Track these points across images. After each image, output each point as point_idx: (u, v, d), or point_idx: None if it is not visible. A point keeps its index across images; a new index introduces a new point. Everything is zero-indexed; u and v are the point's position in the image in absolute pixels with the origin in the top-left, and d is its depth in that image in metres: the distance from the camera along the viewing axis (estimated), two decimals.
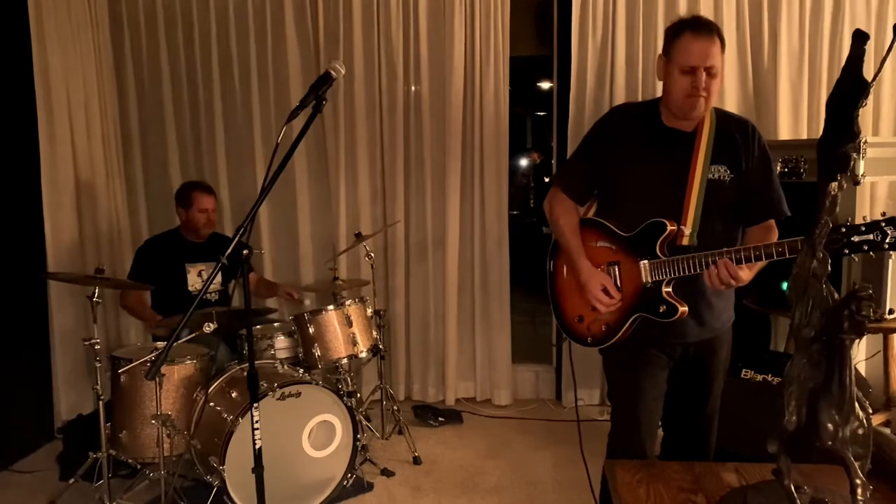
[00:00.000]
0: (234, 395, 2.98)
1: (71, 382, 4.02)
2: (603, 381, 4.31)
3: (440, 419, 4.18)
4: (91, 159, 4.17)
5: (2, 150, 3.69)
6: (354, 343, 3.45)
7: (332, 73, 1.94)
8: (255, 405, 1.95)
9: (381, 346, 3.74)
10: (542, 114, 8.74)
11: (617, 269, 2.20)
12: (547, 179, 6.04)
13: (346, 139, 4.34)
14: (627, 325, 2.18)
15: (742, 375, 3.11)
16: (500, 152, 4.30)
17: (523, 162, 8.84)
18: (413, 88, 4.34)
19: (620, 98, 4.08)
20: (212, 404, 3.00)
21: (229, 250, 1.84)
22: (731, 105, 3.97)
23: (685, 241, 2.12)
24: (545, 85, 7.46)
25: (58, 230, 3.92)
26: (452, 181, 4.31)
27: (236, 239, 1.84)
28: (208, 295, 3.76)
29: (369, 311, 3.63)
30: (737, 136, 2.19)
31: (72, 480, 3.22)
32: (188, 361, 3.13)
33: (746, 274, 2.03)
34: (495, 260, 4.37)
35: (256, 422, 1.95)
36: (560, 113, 4.35)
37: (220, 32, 4.37)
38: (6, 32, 3.70)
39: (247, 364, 3.12)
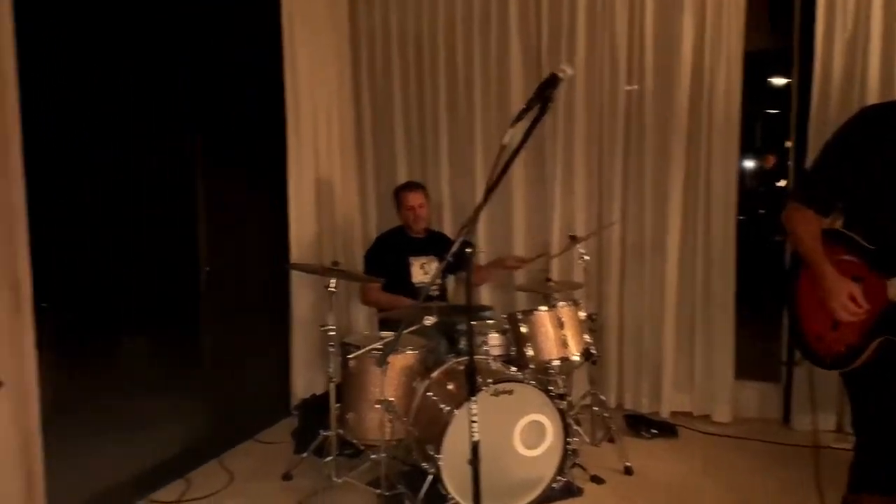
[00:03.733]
0: (450, 387, 3.10)
1: (306, 364, 4.42)
2: (840, 406, 3.90)
3: (653, 431, 4.03)
4: (330, 160, 4.56)
5: (257, 151, 4.15)
6: (566, 345, 3.44)
7: (559, 74, 1.94)
8: (474, 398, 2.01)
9: (593, 351, 3.68)
10: (773, 112, 8.09)
11: (862, 285, 2.01)
12: (782, 184, 5.57)
13: (564, 139, 4.34)
14: (871, 348, 1.96)
15: None
16: (729, 154, 4.06)
17: (752, 163, 8.26)
18: (636, 88, 4.23)
19: (872, 97, 3.65)
20: (430, 394, 3.14)
21: (454, 248, 1.92)
22: None
23: None
24: (779, 81, 6.90)
25: (300, 225, 4.32)
26: (675, 183, 4.14)
27: (461, 237, 1.91)
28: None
29: (582, 314, 3.60)
30: None
31: (305, 454, 3.54)
32: (409, 352, 3.31)
33: None
34: (720, 267, 4.12)
35: (475, 415, 2.00)
36: (800, 111, 4.00)
37: (448, 39, 4.57)
38: (262, 45, 4.16)
39: (464, 358, 3.27)
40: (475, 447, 2.03)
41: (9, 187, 2.56)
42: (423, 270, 4.05)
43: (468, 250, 1.93)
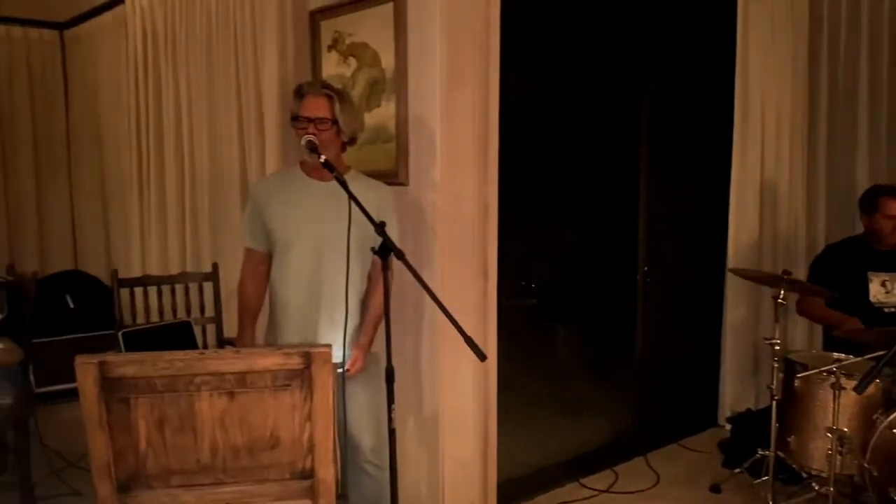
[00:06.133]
0: None
1: (735, 375, 4.21)
2: None
3: None
4: (777, 161, 4.25)
5: (700, 155, 4.08)
6: None
7: None
8: None
9: None
10: None
11: None
12: None
13: None
14: None
15: None
16: None
17: None
18: None
19: None
20: (895, 431, 2.73)
21: None
22: None
23: None
24: None
25: (740, 229, 4.12)
26: None
27: None
28: (892, 310, 3.45)
29: None
30: None
31: (737, 470, 3.38)
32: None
33: None
34: None
35: None
36: None
37: None
38: (715, 49, 4.07)
39: None
40: None
41: (487, 191, 2.94)
42: (884, 288, 3.52)
43: None
